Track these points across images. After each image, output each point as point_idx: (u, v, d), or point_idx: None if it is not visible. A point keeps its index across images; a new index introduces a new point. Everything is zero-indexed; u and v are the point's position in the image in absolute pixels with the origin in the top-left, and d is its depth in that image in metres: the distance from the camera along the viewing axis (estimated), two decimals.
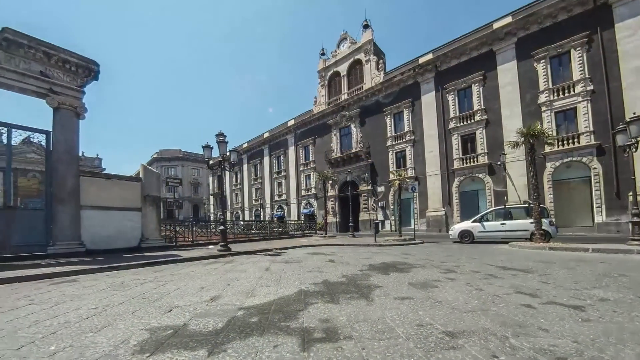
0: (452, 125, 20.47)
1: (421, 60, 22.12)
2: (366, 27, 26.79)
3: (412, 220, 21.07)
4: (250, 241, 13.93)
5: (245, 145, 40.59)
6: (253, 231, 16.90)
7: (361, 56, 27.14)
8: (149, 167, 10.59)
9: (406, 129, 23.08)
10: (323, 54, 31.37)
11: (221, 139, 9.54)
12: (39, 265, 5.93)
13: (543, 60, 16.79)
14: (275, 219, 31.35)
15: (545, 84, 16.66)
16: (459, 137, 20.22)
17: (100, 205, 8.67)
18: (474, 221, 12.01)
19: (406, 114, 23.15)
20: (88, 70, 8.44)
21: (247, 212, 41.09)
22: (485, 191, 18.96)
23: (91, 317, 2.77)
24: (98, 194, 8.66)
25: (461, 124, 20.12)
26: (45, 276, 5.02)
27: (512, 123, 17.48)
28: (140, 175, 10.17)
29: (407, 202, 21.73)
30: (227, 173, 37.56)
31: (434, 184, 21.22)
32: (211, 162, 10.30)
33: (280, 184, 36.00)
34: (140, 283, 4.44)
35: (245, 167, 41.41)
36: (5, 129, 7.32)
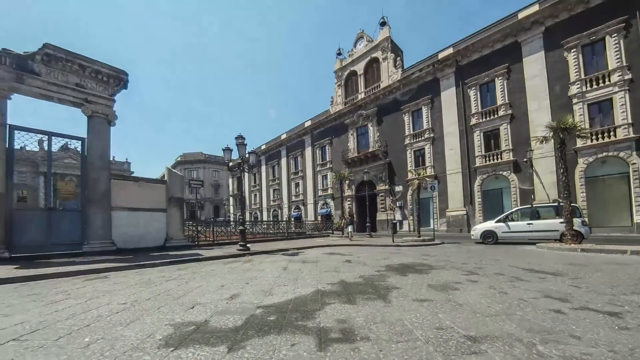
0: (473, 121, 19.70)
1: (441, 56, 21.47)
2: (383, 24, 26.40)
3: (432, 221, 20.53)
4: (268, 241, 14.17)
5: (263, 147, 41.33)
6: (271, 231, 17.17)
7: (378, 54, 26.79)
8: (173, 170, 11.07)
9: (425, 126, 22.51)
10: (339, 53, 31.29)
11: (240, 142, 9.78)
12: (74, 263, 6.37)
13: (574, 50, 15.74)
14: (292, 219, 31.65)
15: (577, 75, 15.61)
16: (482, 134, 19.43)
17: (129, 206, 9.19)
18: (498, 221, 11.50)
19: (425, 111, 22.57)
20: (118, 79, 8.97)
21: (265, 213, 41.79)
22: (509, 189, 18.08)
23: (121, 312, 2.94)
24: (127, 196, 9.18)
25: (484, 119, 19.32)
26: (80, 273, 5.39)
27: (539, 117, 16.54)
28: (165, 178, 10.65)
29: (426, 201, 21.17)
30: (246, 174, 38.31)
31: (454, 183, 20.53)
32: (231, 164, 10.59)
33: (297, 185, 36.32)
34: (165, 280, 4.66)
35: (263, 168, 42.15)
36: (46, 136, 7.97)
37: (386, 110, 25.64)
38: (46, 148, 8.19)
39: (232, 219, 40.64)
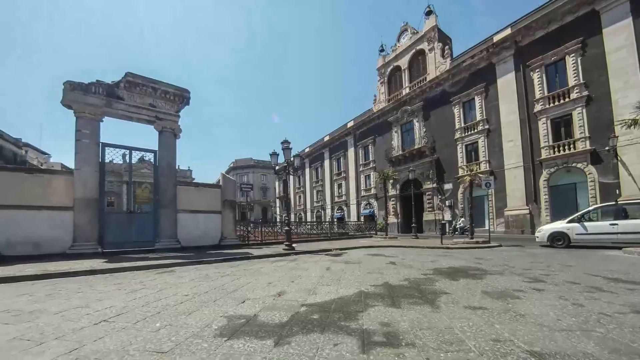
0: (538, 108, 17.39)
1: (496, 38, 19.46)
2: (429, 13, 25.02)
3: (487, 221, 18.67)
4: (312, 241, 14.46)
5: (307, 150, 42.44)
6: (314, 232, 17.49)
7: (424, 45, 25.46)
8: (227, 175, 12.09)
9: (478, 117, 20.62)
10: (382, 50, 30.56)
11: (286, 146, 10.21)
12: (148, 258, 7.36)
13: None
14: (335, 219, 31.81)
15: None
16: (548, 121, 17.03)
17: (190, 209, 10.29)
18: (571, 221, 9.93)
19: (478, 101, 20.69)
20: (182, 97, 10.17)
21: (309, 214, 42.79)
22: (586, 184, 15.48)
23: (184, 302, 3.32)
24: (189, 200, 10.31)
25: (551, 105, 16.91)
26: (153, 267, 6.21)
27: (626, 96, 13.87)
28: (220, 183, 11.68)
29: (480, 200, 19.36)
30: (291, 177, 39.73)
31: (514, 179, 18.37)
32: (277, 167, 11.15)
33: (340, 186, 36.41)
34: (220, 276, 5.10)
35: (307, 170, 43.26)
36: (128, 151, 9.44)
37: (433, 103, 24.19)
38: (128, 161, 9.69)
39: (278, 219, 42.54)
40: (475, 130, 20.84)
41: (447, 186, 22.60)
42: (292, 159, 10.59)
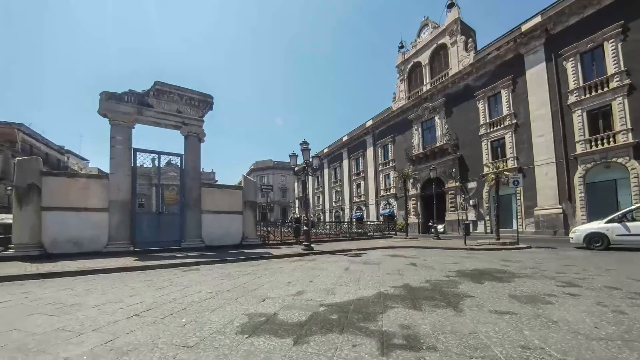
0: (572, 99, 16.21)
1: (524, 28, 18.39)
2: (451, 6, 24.19)
3: (515, 221, 17.70)
4: (331, 241, 14.46)
5: (325, 150, 42.54)
6: (333, 232, 17.48)
7: (446, 40, 24.64)
8: (248, 177, 12.44)
9: (505, 112, 19.60)
10: (402, 46, 29.96)
11: (305, 147, 10.33)
12: (174, 257, 7.72)
13: None
14: (354, 220, 31.60)
15: None
16: (584, 113, 15.82)
17: (214, 210, 10.68)
18: (611, 221, 9.15)
19: (504, 95, 19.67)
20: (206, 103, 10.59)
21: (327, 214, 42.82)
22: (628, 180, 14.21)
23: (208, 299, 3.46)
24: (212, 201, 10.71)
25: (587, 95, 15.70)
26: (179, 265, 6.52)
27: None
28: (242, 184, 12.04)
29: (507, 198, 18.39)
30: (309, 178, 39.92)
31: (545, 176, 17.25)
32: (296, 168, 11.29)
33: (358, 185, 36.13)
34: (241, 275, 5.25)
35: (325, 171, 43.35)
36: (156, 155, 9.98)
37: (456, 99, 23.33)
38: (157, 164, 10.25)
39: None
40: (502, 126, 19.82)
41: (471, 185, 21.70)
42: (310, 159, 10.68)
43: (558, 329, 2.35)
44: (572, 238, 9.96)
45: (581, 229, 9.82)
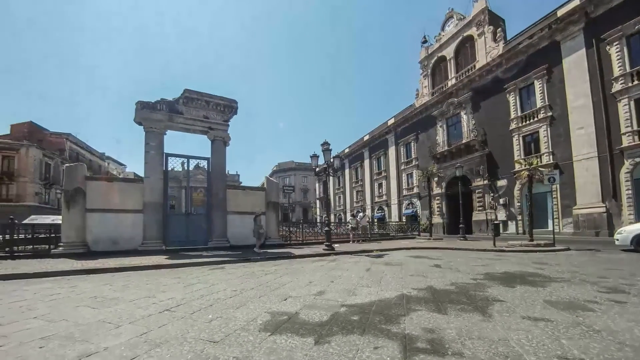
0: (617, 87, 14.76)
1: (561, 12, 17.06)
2: None
3: (550, 221, 16.42)
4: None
5: (346, 150, 42.36)
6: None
7: (472, 31, 23.57)
8: (271, 179, 12.75)
9: (539, 104, 18.29)
10: (425, 41, 29.06)
11: (326, 147, 10.37)
12: (201, 256, 8.09)
13: None
14: (375, 220, 31.12)
15: None
16: (631, 102, 14.33)
17: (238, 210, 11.06)
18: None
19: (538, 86, 18.37)
20: (230, 107, 11.01)
21: (348, 214, 42.55)
22: None
23: (233, 297, 3.59)
24: (237, 202, 11.09)
25: (635, 82, 14.16)
26: (206, 263, 6.82)
27: None
28: (265, 186, 12.35)
29: (541, 197, 17.17)
30: (330, 178, 39.91)
31: (585, 172, 15.87)
32: (317, 169, 11.38)
33: (380, 185, 35.55)
34: (264, 274, 5.38)
35: (347, 171, 43.14)
36: (186, 159, 10.53)
37: (483, 93, 22.20)
38: (186, 168, 10.84)
39: (318, 220, 43.19)
40: (535, 119, 18.52)
41: (501, 183, 20.51)
42: (331, 160, 10.70)
43: (601, 339, 2.16)
44: (617, 239, 9.08)
45: (628, 230, 8.92)
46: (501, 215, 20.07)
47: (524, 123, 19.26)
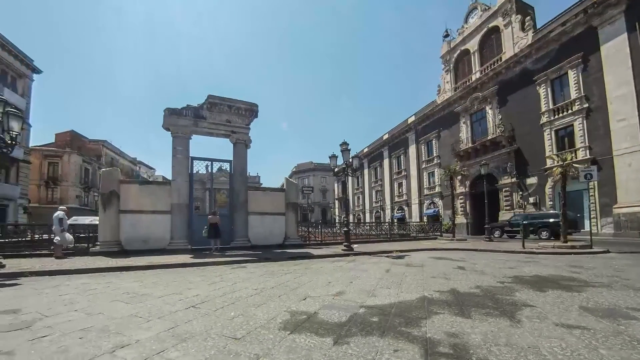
0: None
1: None
2: None
3: (587, 221, 15.26)
4: (371, 242, 14.16)
5: (365, 150, 41.96)
6: (373, 232, 17.10)
7: (498, 21, 22.49)
8: (290, 180, 12.94)
9: (574, 95, 17.03)
10: (446, 35, 28.14)
11: (344, 148, 10.35)
12: (224, 255, 8.36)
13: None
14: (395, 220, 30.51)
15: None
16: None
17: (259, 211, 11.31)
18: None
19: (572, 76, 17.11)
20: (252, 111, 11.31)
21: (367, 215, 42.08)
22: None
23: (254, 296, 3.68)
24: (257, 203, 11.35)
25: None
26: (228, 262, 7.04)
27: None
28: (284, 187, 12.55)
29: (576, 195, 16.00)
30: (349, 178, 39.75)
31: (628, 167, 14.54)
32: (336, 169, 11.36)
33: (400, 185, 34.83)
34: (284, 273, 5.47)
35: (365, 171, 42.72)
36: (209, 162, 10.93)
37: (511, 86, 21.08)
38: (209, 170, 11.27)
39: (337, 220, 43.08)
40: (569, 111, 17.27)
41: (531, 180, 19.34)
42: (350, 160, 10.65)
43: None
44: None
45: None
46: None
47: (556, 116, 18.04)
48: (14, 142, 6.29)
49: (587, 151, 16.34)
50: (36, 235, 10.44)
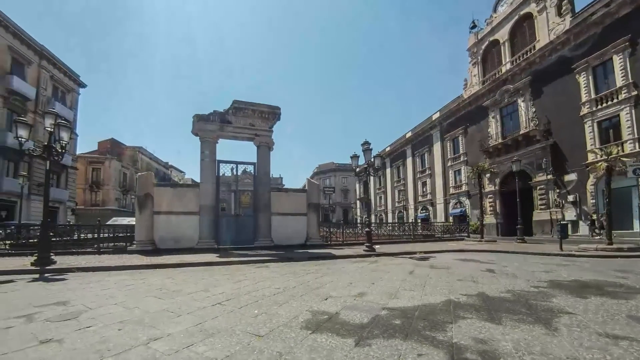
0: None
1: None
2: None
3: (636, 221, 13.79)
4: (393, 243, 13.86)
5: (387, 149, 41.20)
6: (396, 233, 16.73)
7: (531, 8, 21.06)
8: (312, 180, 13.07)
9: (620, 82, 15.52)
10: (474, 26, 26.73)
11: (366, 147, 10.26)
12: (248, 255, 8.61)
13: None
14: (419, 220, 29.61)
15: None
16: None
17: (281, 212, 11.53)
18: None
19: (618, 62, 15.59)
20: (274, 114, 11.58)
21: (390, 215, 41.20)
22: None
23: (277, 294, 3.76)
24: (280, 204, 11.58)
25: None
26: (252, 262, 7.25)
27: None
28: (306, 187, 12.69)
29: (623, 192, 14.52)
30: (371, 178, 39.02)
31: None
32: (357, 169, 11.31)
33: (424, 184, 33.73)
34: (305, 273, 5.52)
35: (388, 170, 41.91)
36: (234, 165, 11.34)
37: (546, 76, 19.63)
38: (235, 173, 11.69)
39: (358, 221, 42.63)
40: (615, 100, 15.74)
41: (569, 177, 17.87)
42: (372, 159, 10.53)
43: None
44: None
45: None
46: (570, 214, 17.49)
47: (599, 106, 16.53)
48: (63, 150, 6.99)
49: (636, 144, 14.80)
50: (82, 235, 11.46)
